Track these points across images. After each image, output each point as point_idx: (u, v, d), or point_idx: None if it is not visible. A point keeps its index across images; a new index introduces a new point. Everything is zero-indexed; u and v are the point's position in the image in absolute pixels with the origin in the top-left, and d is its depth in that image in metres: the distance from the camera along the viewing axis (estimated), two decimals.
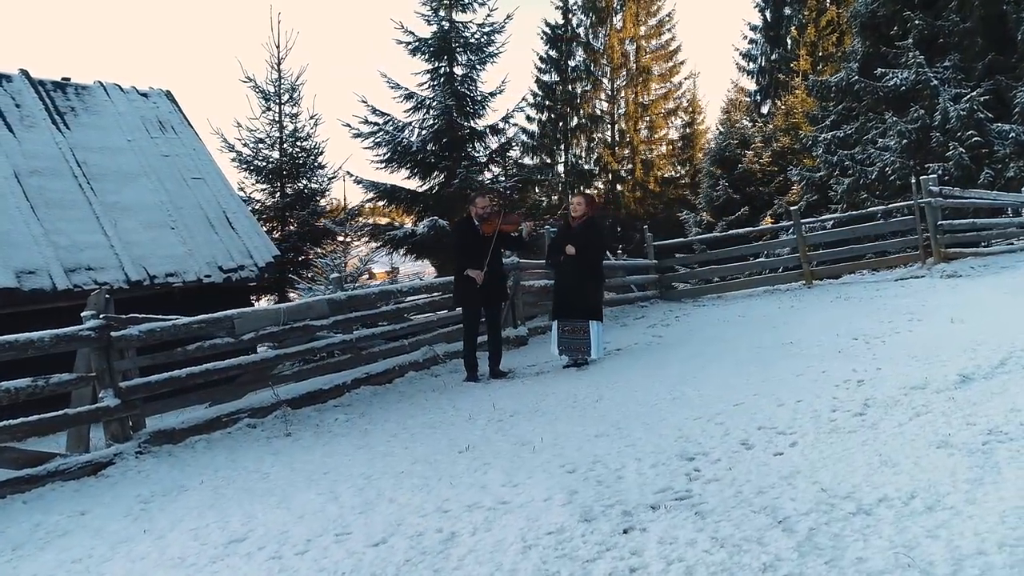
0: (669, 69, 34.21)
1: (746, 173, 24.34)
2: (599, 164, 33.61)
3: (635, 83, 34.03)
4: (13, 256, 8.53)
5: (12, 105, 9.95)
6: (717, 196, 24.48)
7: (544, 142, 33.40)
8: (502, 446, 4.63)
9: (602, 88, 33.90)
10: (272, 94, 14.20)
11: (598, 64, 33.65)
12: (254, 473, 5.01)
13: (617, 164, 33.67)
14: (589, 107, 33.71)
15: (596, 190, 34.53)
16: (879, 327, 7.03)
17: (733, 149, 24.74)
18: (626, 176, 34.03)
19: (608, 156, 33.43)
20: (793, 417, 4.38)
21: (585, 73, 33.65)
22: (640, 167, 33.80)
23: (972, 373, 4.77)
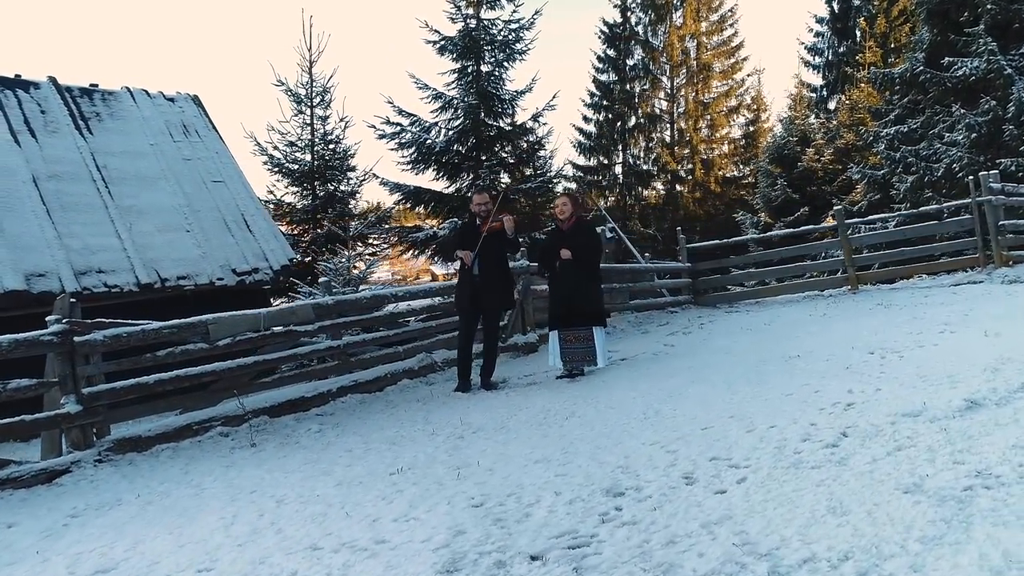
0: (731, 66, 33.01)
1: (806, 172, 23.13)
2: (657, 164, 32.71)
3: (695, 81, 33.01)
4: (24, 259, 8.68)
5: (37, 111, 10.20)
6: (775, 196, 23.35)
7: (601, 143, 32.75)
8: (436, 469, 4.23)
9: (661, 86, 32.98)
10: (304, 97, 14.20)
11: (657, 62, 32.74)
12: (192, 488, 4.79)
13: (676, 164, 32.70)
14: (647, 106, 32.84)
15: (655, 191, 33.69)
16: (904, 339, 6.28)
17: (792, 147, 23.56)
18: (685, 176, 33.02)
19: (667, 156, 32.48)
20: (755, 447, 3.82)
21: (643, 71, 32.79)
22: (700, 167, 32.75)
23: (983, 398, 4.09)
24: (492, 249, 6.89)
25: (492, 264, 6.91)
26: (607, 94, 32.24)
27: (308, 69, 14.22)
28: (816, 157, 23.22)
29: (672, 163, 32.06)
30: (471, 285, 6.90)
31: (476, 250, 6.82)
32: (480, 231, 6.87)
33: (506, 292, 7.12)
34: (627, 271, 11.24)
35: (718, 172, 32.58)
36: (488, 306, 6.99)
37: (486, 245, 6.86)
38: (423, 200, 13.26)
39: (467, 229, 7.16)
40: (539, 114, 13.40)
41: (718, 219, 29.79)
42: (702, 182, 32.37)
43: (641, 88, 32.38)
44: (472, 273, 6.89)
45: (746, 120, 33.04)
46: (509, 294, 7.23)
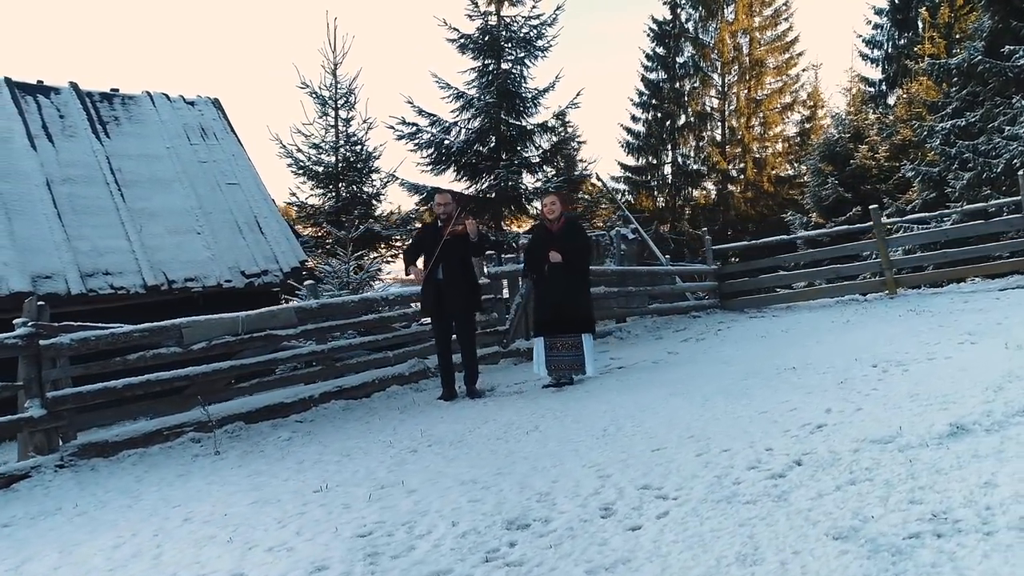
0: (785, 61, 31.84)
1: (859, 169, 21.98)
2: (707, 164, 31.78)
3: (748, 77, 31.96)
4: (32, 261, 8.81)
5: (56, 116, 10.40)
6: (826, 195, 22.26)
7: (650, 142, 32.02)
8: (359, 489, 3.95)
9: (712, 84, 32.03)
10: (328, 99, 14.16)
11: (708, 59, 31.81)
12: (129, 499, 4.64)
13: (727, 164, 31.71)
14: (697, 104, 31.93)
15: (704, 191, 32.78)
16: (917, 350, 5.69)
17: (845, 144, 22.44)
18: (737, 176, 32.01)
19: (717, 155, 31.52)
20: (696, 474, 3.39)
21: (693, 69, 31.89)
22: (752, 166, 31.69)
23: (973, 422, 3.55)
24: (456, 252, 6.57)
25: (456, 267, 6.59)
26: (656, 92, 31.47)
27: (332, 71, 14.17)
28: (870, 154, 22.06)
29: (722, 162, 31.09)
30: (436, 290, 6.60)
31: (437, 253, 6.50)
32: (442, 234, 6.56)
33: (472, 295, 6.79)
34: (645, 274, 10.75)
35: (771, 171, 31.47)
36: (455, 311, 6.67)
37: (449, 248, 6.54)
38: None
39: (428, 232, 6.84)
40: (563, 112, 13.01)
41: (771, 220, 28.72)
42: (754, 182, 31.33)
43: (691, 86, 31.50)
44: (436, 277, 6.58)
45: (802, 117, 31.84)
46: (476, 297, 6.90)
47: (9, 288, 8.49)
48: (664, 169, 31.92)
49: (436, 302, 6.70)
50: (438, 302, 6.69)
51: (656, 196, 31.61)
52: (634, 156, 31.66)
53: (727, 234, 29.30)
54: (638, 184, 31.39)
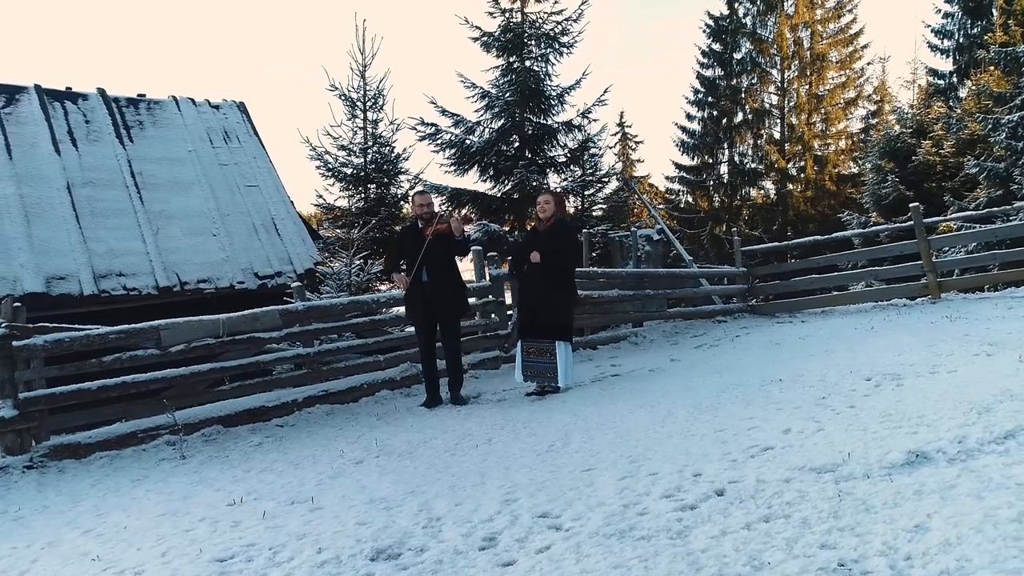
0: (849, 55, 30.44)
1: (922, 167, 20.71)
2: (765, 162, 30.65)
3: (808, 73, 30.70)
4: (47, 262, 9.03)
5: (82, 121, 10.67)
6: (885, 194, 21.07)
7: (706, 141, 31.12)
8: (265, 504, 3.75)
9: (770, 80, 30.88)
10: (356, 100, 14.16)
11: (766, 54, 30.68)
12: (72, 504, 4.57)
13: (786, 162, 30.51)
14: (755, 101, 30.82)
15: (762, 190, 31.65)
16: (924, 362, 5.13)
17: (906, 139, 21.19)
18: (797, 174, 30.78)
19: (776, 153, 30.36)
20: (603, 501, 3.05)
21: (751, 65, 30.79)
22: (812, 164, 30.42)
23: (937, 450, 3.09)
24: (439, 254, 6.31)
25: (441, 269, 6.33)
26: (712, 90, 30.56)
27: (361, 73, 14.15)
28: (934, 150, 20.75)
29: (781, 161, 29.93)
30: (421, 294, 6.36)
31: (420, 255, 6.26)
32: (424, 235, 6.31)
33: (458, 298, 6.52)
34: (664, 276, 10.27)
35: (833, 169, 30.14)
36: (441, 315, 6.42)
37: (432, 250, 6.29)
38: (463, 202, 12.80)
39: (409, 234, 6.60)
40: (588, 110, 12.61)
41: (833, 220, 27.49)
42: (815, 180, 30.07)
43: (749, 82, 30.44)
44: (421, 280, 6.34)
45: (867, 112, 30.38)
46: (462, 300, 6.62)
47: (23, 289, 8.71)
48: (720, 168, 30.96)
49: (421, 306, 6.47)
50: (423, 306, 6.46)
51: (712, 196, 30.72)
52: (689, 155, 30.81)
53: (786, 235, 28.14)
54: (693, 184, 30.58)
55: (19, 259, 8.86)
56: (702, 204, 30.80)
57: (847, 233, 11.57)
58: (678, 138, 31.02)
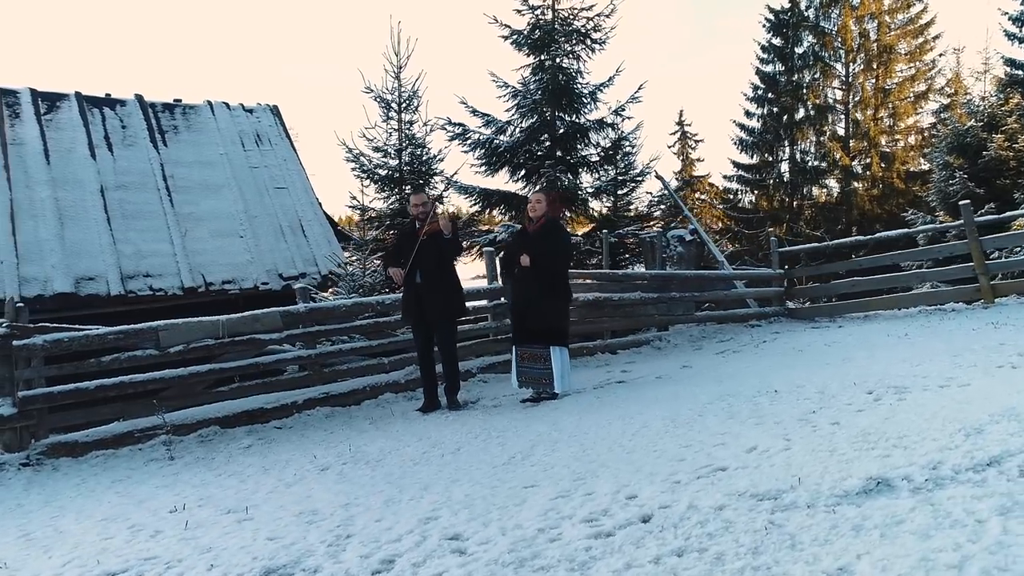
0: (919, 46, 28.96)
1: (993, 162, 19.41)
2: (828, 160, 29.44)
3: (875, 66, 29.37)
4: (77, 264, 9.30)
5: (119, 126, 10.99)
6: (953, 191, 19.83)
7: (765, 138, 30.10)
8: (200, 515, 3.63)
9: (834, 74, 29.65)
10: (391, 102, 14.16)
11: (830, 47, 29.47)
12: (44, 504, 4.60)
13: (850, 159, 29.23)
14: (818, 97, 29.65)
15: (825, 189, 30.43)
16: (939, 374, 4.68)
17: (977, 133, 19.91)
18: (862, 172, 29.46)
19: (839, 151, 29.13)
20: (520, 525, 2.82)
21: (813, 59, 29.61)
22: (878, 161, 29.06)
23: (904, 477, 2.73)
24: (433, 253, 6.14)
25: (434, 269, 6.16)
26: (772, 86, 29.54)
27: (396, 74, 14.11)
28: (1007, 144, 19.42)
29: (845, 158, 28.69)
30: (415, 295, 6.22)
31: (413, 256, 6.11)
32: (418, 235, 6.16)
33: (452, 300, 6.32)
34: (691, 278, 9.84)
35: (901, 167, 28.72)
36: (435, 316, 6.24)
37: (426, 250, 6.13)
38: (492, 202, 12.64)
39: (406, 234, 6.48)
40: (621, 108, 12.24)
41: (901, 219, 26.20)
42: (882, 178, 28.72)
43: (811, 77, 29.29)
44: (415, 281, 6.19)
45: (940, 106, 28.80)
46: (457, 301, 6.42)
47: (53, 289, 8.99)
48: (781, 167, 29.89)
49: (415, 307, 6.33)
50: (417, 307, 6.32)
51: (772, 195, 29.68)
52: (748, 153, 29.82)
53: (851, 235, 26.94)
54: (752, 183, 29.63)
55: (51, 260, 9.15)
56: (762, 204, 29.83)
57: (890, 233, 10.86)
58: (736, 136, 30.06)
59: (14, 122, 10.23)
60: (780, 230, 28.39)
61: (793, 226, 28.49)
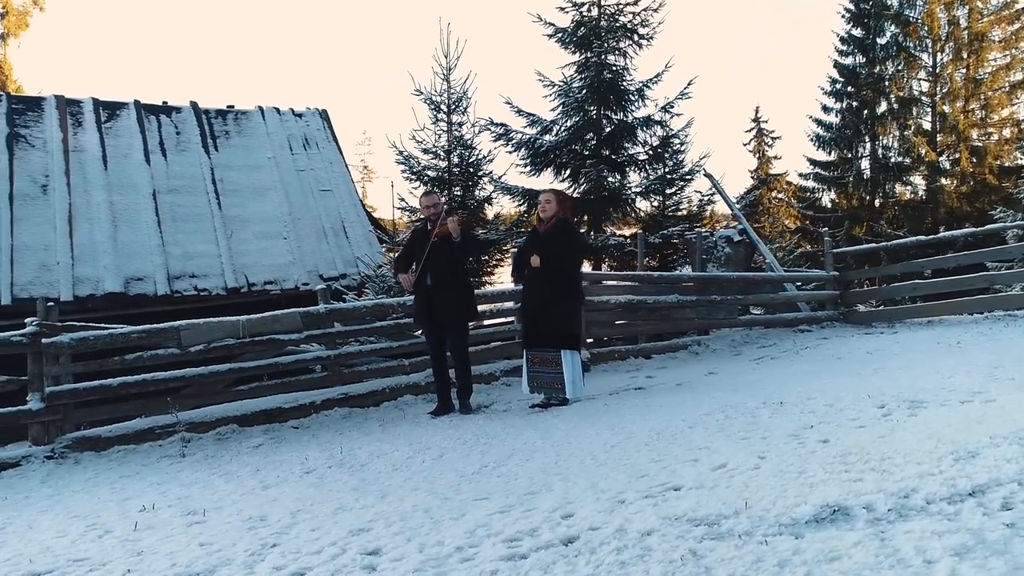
0: (1015, 33, 27.04)
1: None
2: (912, 155, 27.83)
3: (965, 55, 27.61)
4: (127, 264, 9.68)
5: (173, 132, 11.40)
6: None
7: (844, 134, 28.75)
8: (164, 515, 3.65)
9: (919, 65, 28.02)
10: (440, 103, 14.20)
11: (915, 37, 27.87)
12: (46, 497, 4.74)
13: (937, 155, 27.55)
14: (901, 89, 28.10)
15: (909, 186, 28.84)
16: (969, 388, 4.26)
17: None
18: (950, 168, 27.72)
19: (925, 146, 27.50)
20: (442, 542, 2.67)
21: (896, 50, 28.07)
22: (968, 156, 27.28)
23: (867, 505, 2.45)
24: (443, 256, 6.03)
25: (444, 272, 6.05)
26: (851, 79, 28.20)
27: (445, 76, 14.15)
28: None
29: (931, 154, 27.04)
30: (425, 297, 6.13)
31: (423, 258, 6.02)
32: (429, 237, 6.07)
33: (463, 303, 6.19)
34: (735, 280, 9.39)
35: (993, 162, 26.86)
36: (446, 319, 6.13)
37: (437, 252, 6.03)
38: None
39: (418, 235, 6.39)
40: (670, 104, 11.83)
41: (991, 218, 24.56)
42: (972, 174, 26.94)
43: (894, 69, 27.77)
44: (426, 284, 6.11)
45: None
46: (468, 304, 6.28)
47: (104, 289, 9.38)
48: (860, 163, 28.49)
49: (426, 309, 6.26)
50: (428, 310, 6.24)
51: (851, 193, 28.32)
52: (825, 150, 28.57)
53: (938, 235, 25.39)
54: (829, 180, 28.38)
55: (103, 261, 9.56)
56: (840, 202, 28.53)
57: (954, 233, 10.07)
58: (813, 132, 28.86)
59: (77, 130, 10.76)
60: (860, 230, 27.06)
61: (874, 225, 27.08)
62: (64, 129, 10.65)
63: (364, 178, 48.24)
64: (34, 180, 10.02)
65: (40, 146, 10.36)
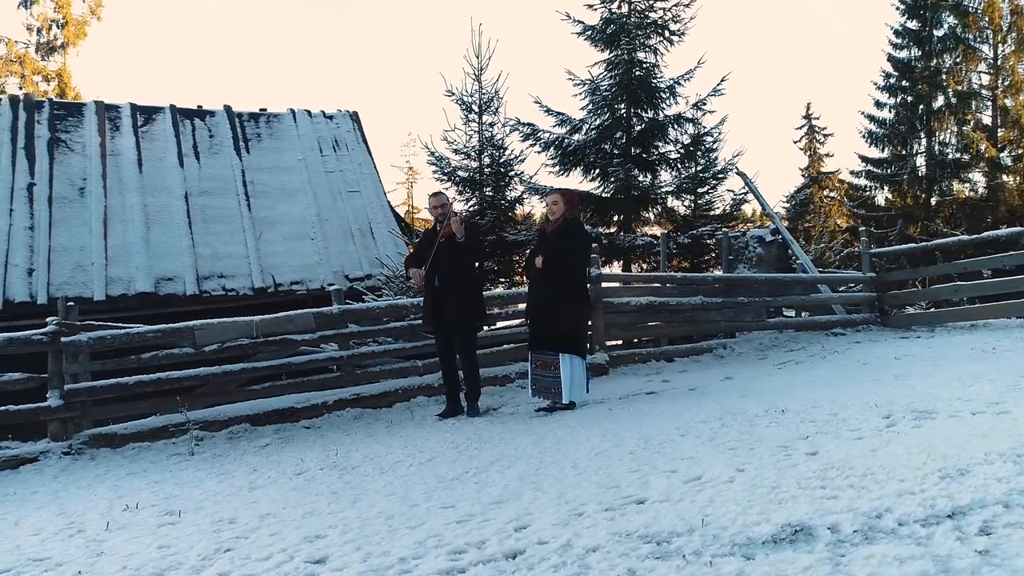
0: None
1: None
2: (971, 151, 26.69)
3: None
4: (158, 265, 9.90)
5: (207, 136, 11.63)
6: None
7: (898, 130, 27.75)
8: (144, 514, 3.67)
9: (979, 58, 26.90)
10: (472, 104, 14.17)
11: (974, 28, 26.76)
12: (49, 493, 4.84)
13: (998, 151, 26.41)
14: (960, 83, 27.00)
15: (967, 184, 27.70)
16: (987, 399, 3.98)
17: None
18: (1012, 164, 26.54)
19: (985, 141, 26.38)
20: (385, 552, 2.59)
21: (954, 42, 26.98)
22: None
23: (832, 525, 2.29)
24: (450, 257, 5.96)
25: (451, 273, 5.98)
26: (906, 73, 27.22)
27: (477, 76, 14.12)
28: None
29: (992, 149, 25.93)
30: (432, 298, 6.07)
31: (430, 259, 5.97)
32: (438, 237, 6.01)
33: (469, 304, 6.10)
34: (763, 282, 9.07)
35: None
36: (452, 320, 6.06)
37: (444, 252, 5.96)
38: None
39: (428, 236, 6.34)
40: (703, 101, 11.53)
41: None
42: None
43: (952, 62, 26.71)
44: (433, 284, 6.05)
45: None
46: (475, 306, 6.19)
47: (136, 288, 9.62)
48: (915, 160, 27.46)
49: (432, 311, 6.21)
50: (435, 310, 6.19)
51: (905, 191, 27.32)
52: (878, 146, 27.65)
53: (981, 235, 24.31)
54: (881, 178, 27.44)
55: (135, 262, 9.80)
56: (894, 201, 27.59)
57: (998, 232, 9.54)
58: (865, 128, 27.97)
59: (114, 134, 11.07)
60: (915, 229, 26.10)
61: (929, 225, 26.09)
62: (102, 133, 10.97)
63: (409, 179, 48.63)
64: (72, 183, 10.34)
65: (79, 150, 10.69)
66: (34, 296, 9.06)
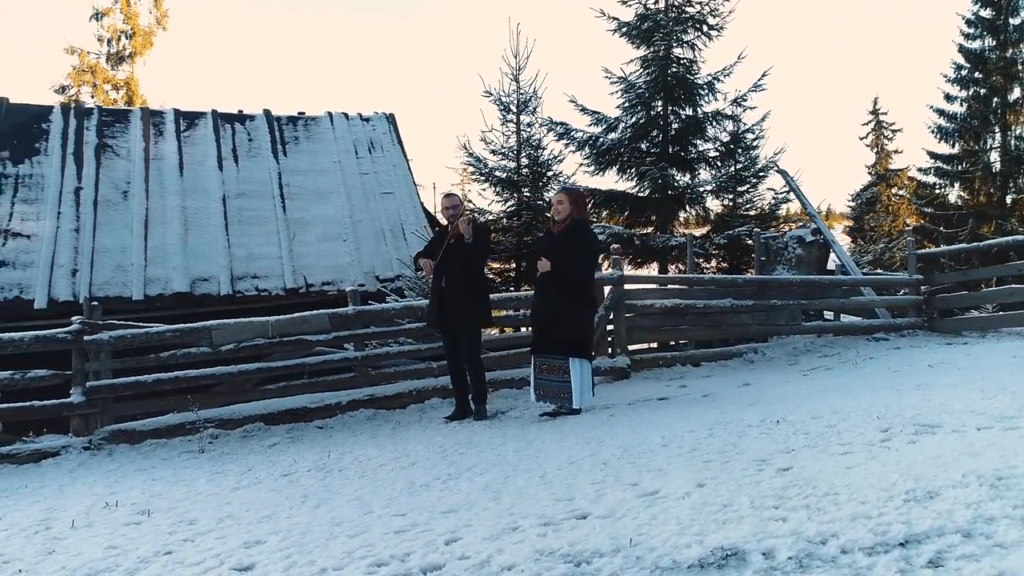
0: None
1: None
2: None
3: None
4: (195, 265, 10.16)
5: (246, 139, 11.89)
6: None
7: (970, 124, 26.43)
8: (118, 513, 3.71)
9: None
10: (510, 104, 14.10)
11: None
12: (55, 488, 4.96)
13: None
14: None
15: None
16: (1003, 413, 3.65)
17: None
18: None
19: None
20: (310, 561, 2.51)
21: None
22: None
23: (768, 551, 2.12)
24: (457, 257, 5.89)
25: (457, 274, 5.91)
26: (979, 64, 25.87)
27: (515, 77, 14.04)
28: None
29: None
30: (440, 298, 6.01)
31: (438, 258, 5.91)
32: (447, 238, 5.96)
33: (475, 305, 6.01)
34: (796, 284, 8.69)
35: None
36: (457, 321, 5.99)
37: (452, 253, 5.90)
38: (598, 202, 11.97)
39: (438, 236, 6.29)
40: (743, 97, 11.14)
41: None
42: None
43: None
44: (440, 285, 6.00)
45: None
46: (480, 308, 6.09)
47: (172, 289, 9.89)
48: (989, 156, 26.08)
49: (437, 311, 6.15)
50: (440, 311, 6.13)
51: (977, 189, 25.98)
52: (948, 142, 26.38)
53: None
54: (951, 175, 26.19)
55: (172, 263, 10.08)
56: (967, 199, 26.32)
57: None
58: (934, 123, 26.71)
59: (158, 140, 11.43)
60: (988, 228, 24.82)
61: (1003, 224, 24.75)
62: (147, 139, 11.34)
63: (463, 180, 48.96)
64: (116, 187, 10.71)
65: (124, 155, 11.07)
66: (77, 295, 9.40)
